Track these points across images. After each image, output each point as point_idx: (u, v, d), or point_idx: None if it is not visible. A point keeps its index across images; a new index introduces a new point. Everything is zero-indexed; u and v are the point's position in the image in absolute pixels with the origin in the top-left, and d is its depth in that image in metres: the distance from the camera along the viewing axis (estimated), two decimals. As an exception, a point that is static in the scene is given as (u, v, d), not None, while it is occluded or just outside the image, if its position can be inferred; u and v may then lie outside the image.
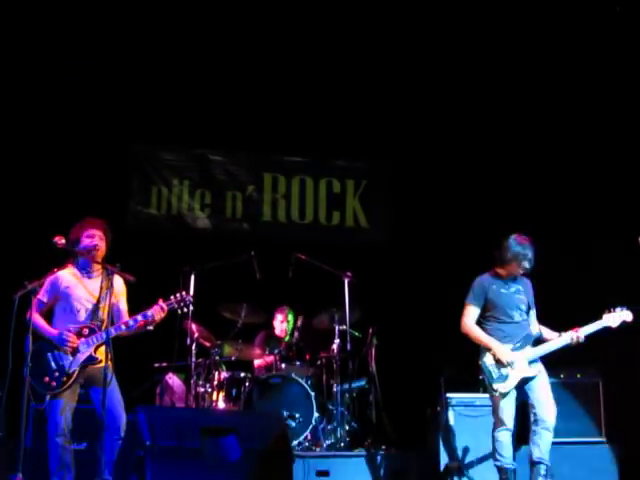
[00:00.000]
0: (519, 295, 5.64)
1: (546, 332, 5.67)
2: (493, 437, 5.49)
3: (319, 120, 8.51)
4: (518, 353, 5.48)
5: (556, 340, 5.56)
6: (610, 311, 5.55)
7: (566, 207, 7.94)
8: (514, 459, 5.48)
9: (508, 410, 5.44)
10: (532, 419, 5.49)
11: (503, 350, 5.46)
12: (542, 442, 5.41)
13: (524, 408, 5.60)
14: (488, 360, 5.51)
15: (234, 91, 8.26)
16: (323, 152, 8.85)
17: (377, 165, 9.12)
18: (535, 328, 5.67)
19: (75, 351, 4.98)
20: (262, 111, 8.37)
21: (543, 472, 5.39)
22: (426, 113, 8.55)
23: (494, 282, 5.64)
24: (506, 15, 7.72)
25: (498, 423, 5.47)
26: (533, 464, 5.44)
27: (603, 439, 6.41)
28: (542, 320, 5.75)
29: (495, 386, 5.46)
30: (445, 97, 8.42)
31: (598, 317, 5.56)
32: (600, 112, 7.75)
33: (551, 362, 5.82)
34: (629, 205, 7.24)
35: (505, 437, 5.42)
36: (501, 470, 5.44)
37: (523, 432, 5.68)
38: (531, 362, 5.50)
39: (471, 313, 5.63)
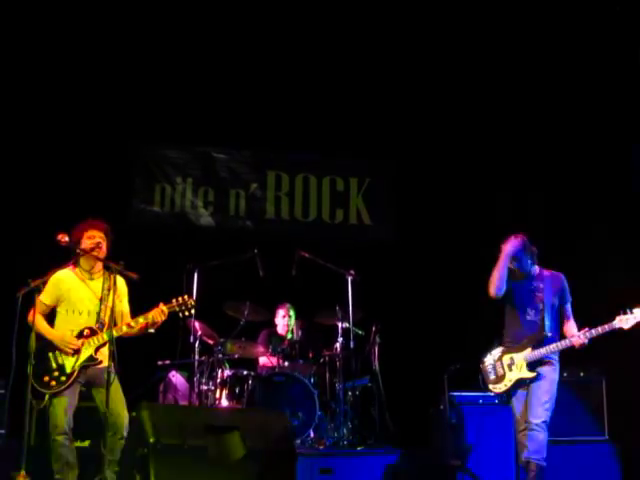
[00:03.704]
0: (538, 293, 5.49)
1: (568, 330, 5.48)
2: (516, 438, 5.44)
3: (322, 118, 8.50)
4: (517, 355, 5.40)
5: (560, 343, 5.37)
6: (625, 313, 5.27)
7: (569, 199, 7.94)
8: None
9: (518, 410, 5.37)
10: None
11: None
12: (531, 442, 5.23)
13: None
14: (488, 360, 5.52)
15: (237, 89, 8.26)
16: (326, 150, 8.84)
17: (380, 163, 9.10)
18: (569, 328, 5.48)
19: (76, 352, 4.99)
20: (265, 109, 8.37)
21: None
22: (429, 111, 8.54)
23: (515, 279, 5.54)
24: (508, 14, 7.73)
25: (516, 424, 5.42)
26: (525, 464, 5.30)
27: (606, 438, 6.40)
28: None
29: (490, 387, 5.48)
30: (449, 94, 8.41)
31: (610, 319, 5.31)
32: (599, 110, 7.75)
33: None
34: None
35: (523, 438, 5.28)
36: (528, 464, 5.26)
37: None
38: (533, 364, 5.37)
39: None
